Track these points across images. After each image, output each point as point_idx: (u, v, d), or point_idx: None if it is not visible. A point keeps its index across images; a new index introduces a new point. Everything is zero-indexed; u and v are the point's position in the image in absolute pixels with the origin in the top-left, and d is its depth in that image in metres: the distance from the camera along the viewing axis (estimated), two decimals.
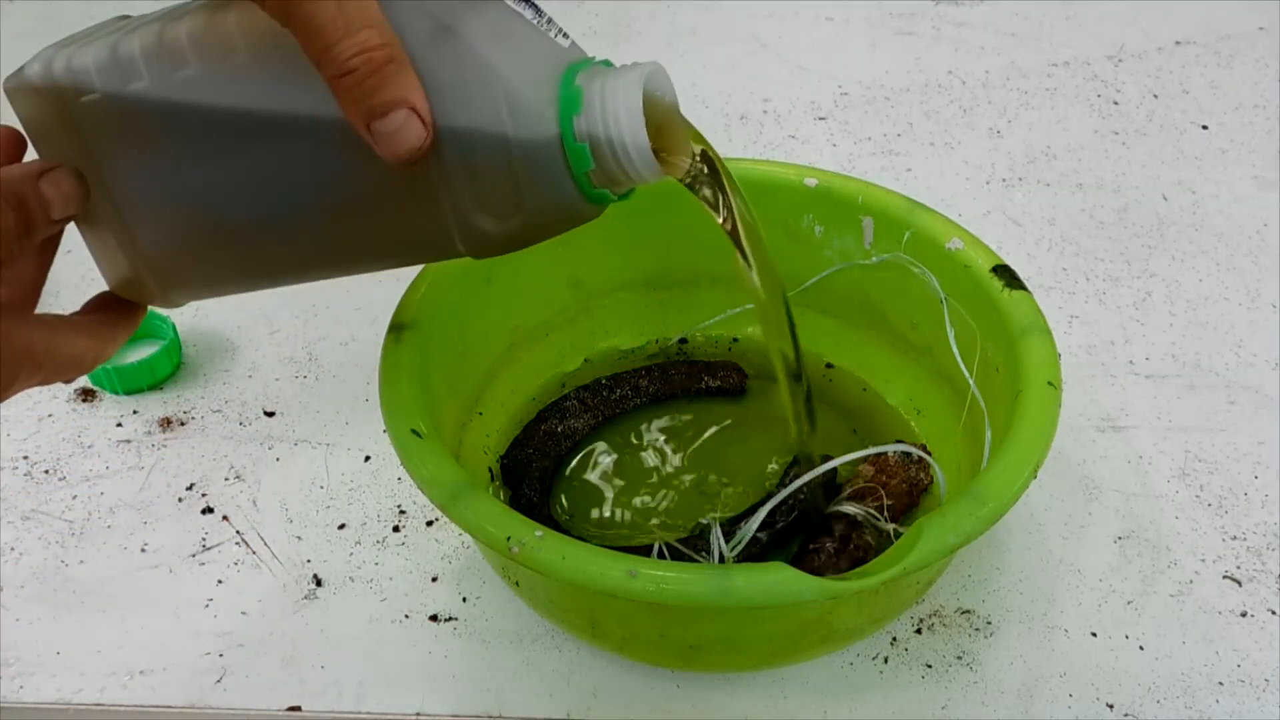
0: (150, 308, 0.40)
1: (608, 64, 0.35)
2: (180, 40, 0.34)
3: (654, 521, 0.48)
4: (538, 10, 0.35)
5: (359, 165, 0.34)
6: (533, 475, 0.50)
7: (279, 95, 0.33)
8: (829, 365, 0.55)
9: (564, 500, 0.50)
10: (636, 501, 0.49)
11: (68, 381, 0.35)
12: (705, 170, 0.37)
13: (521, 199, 0.34)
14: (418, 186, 0.34)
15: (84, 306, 0.39)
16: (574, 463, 0.51)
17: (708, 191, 0.37)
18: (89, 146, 0.35)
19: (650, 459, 0.51)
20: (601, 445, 0.52)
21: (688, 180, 0.37)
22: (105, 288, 0.40)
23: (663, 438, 0.52)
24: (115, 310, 0.39)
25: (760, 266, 0.39)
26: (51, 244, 0.38)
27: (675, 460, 0.51)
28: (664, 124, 0.35)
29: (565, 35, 0.35)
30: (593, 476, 0.50)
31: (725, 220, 0.38)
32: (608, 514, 0.49)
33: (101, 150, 0.36)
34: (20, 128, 0.37)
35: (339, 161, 0.34)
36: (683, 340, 0.56)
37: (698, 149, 0.37)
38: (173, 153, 0.35)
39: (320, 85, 0.32)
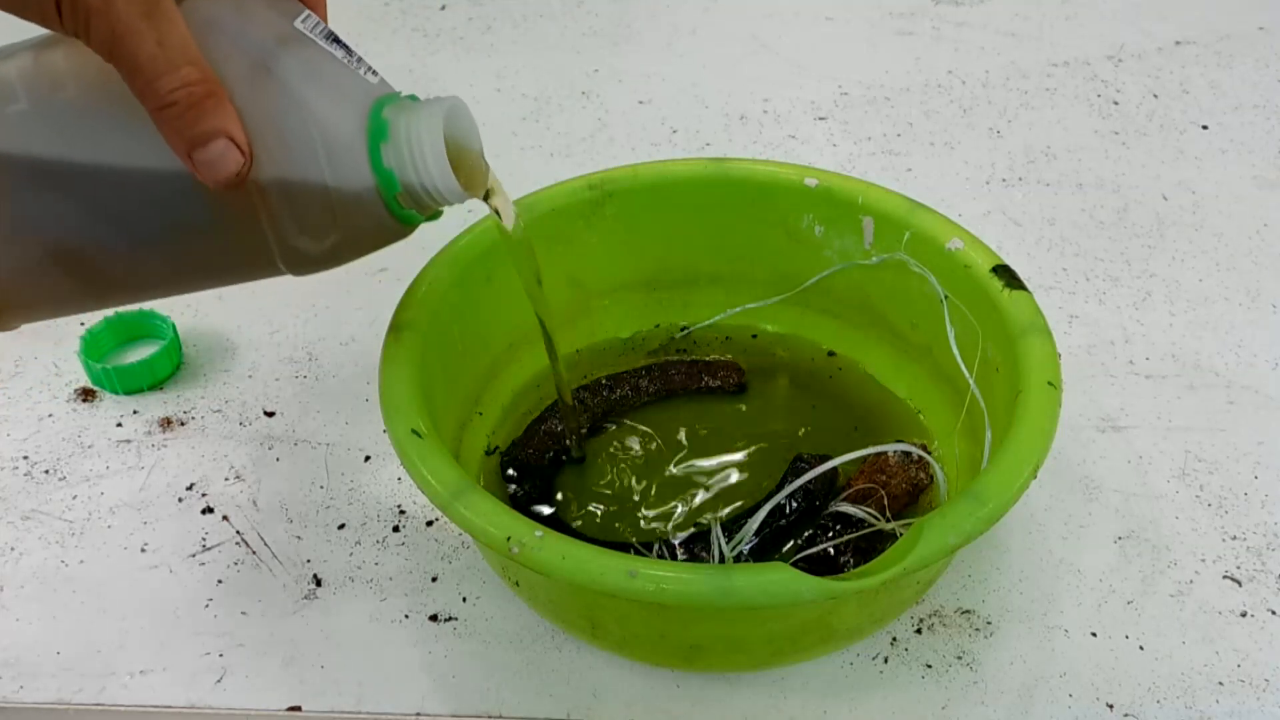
0: (153, 311, 0.41)
1: (414, 98, 0.38)
2: (10, 78, 0.36)
3: (654, 521, 0.48)
4: (348, 50, 0.38)
5: (185, 194, 0.36)
6: (533, 474, 0.50)
7: (108, 130, 0.36)
8: (831, 353, 0.55)
9: (563, 498, 0.50)
10: (636, 501, 0.49)
11: None
12: (492, 190, 0.42)
13: (336, 222, 0.37)
14: (240, 213, 0.36)
15: None
16: (573, 460, 0.51)
17: (496, 202, 0.42)
18: None
19: (650, 458, 0.51)
20: (601, 445, 0.52)
21: (484, 196, 0.41)
22: None
23: (663, 436, 0.52)
24: None
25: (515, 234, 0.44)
26: None
27: (675, 460, 0.51)
28: (462, 154, 0.38)
29: (374, 72, 0.38)
30: (592, 474, 0.50)
31: (508, 223, 0.43)
32: (607, 513, 0.49)
33: None
34: None
35: (167, 191, 0.36)
36: (685, 330, 0.56)
37: (490, 174, 0.41)
38: (8, 184, 0.37)
39: (147, 120, 0.34)
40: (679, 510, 0.49)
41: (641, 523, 0.48)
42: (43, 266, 0.38)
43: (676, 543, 0.46)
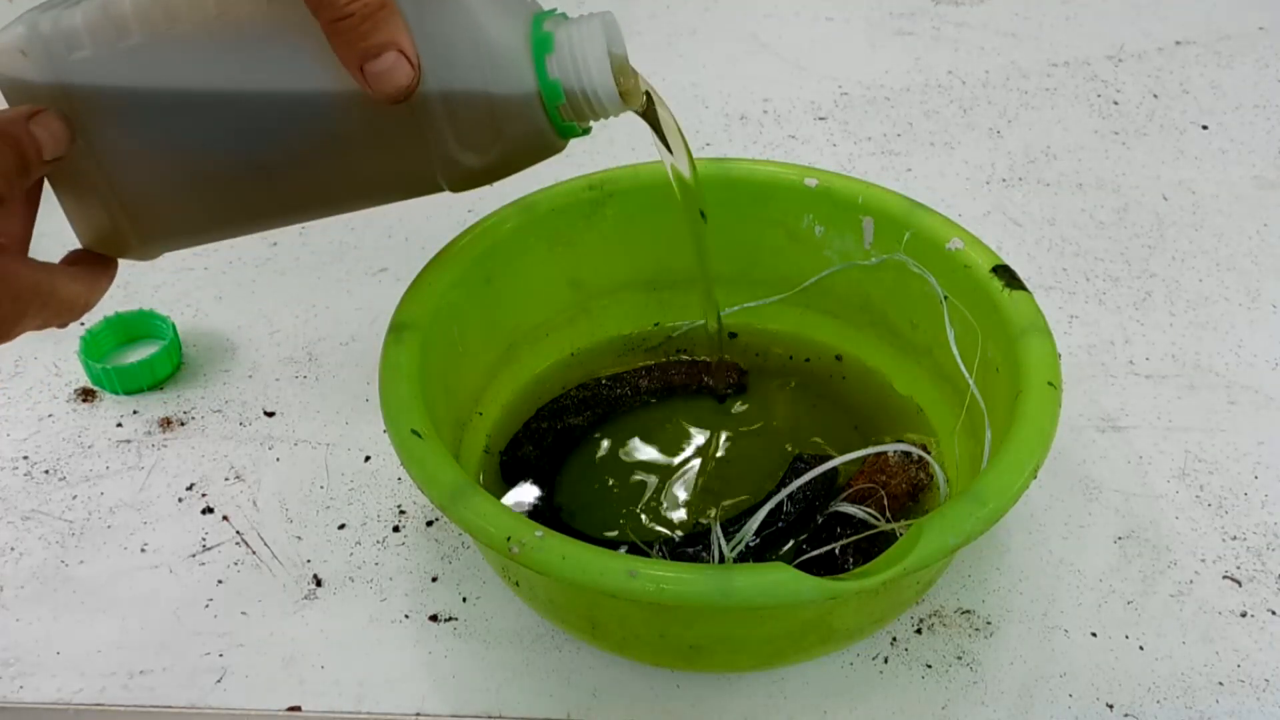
0: (153, 311, 0.41)
1: (565, 15, 0.40)
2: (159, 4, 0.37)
3: (654, 521, 0.48)
4: None
5: (345, 108, 0.37)
6: (532, 473, 0.50)
7: (271, 46, 0.36)
8: (838, 358, 0.55)
9: (563, 497, 0.50)
10: (636, 500, 0.49)
11: (61, 326, 0.39)
12: (649, 103, 0.42)
13: (500, 133, 0.38)
14: (402, 126, 0.37)
15: (63, 260, 0.41)
16: (573, 461, 0.51)
17: (661, 113, 0.43)
18: (73, 102, 0.37)
19: (650, 458, 0.51)
20: (601, 443, 0.52)
21: (641, 110, 0.42)
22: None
23: (663, 436, 0.52)
24: (94, 262, 0.41)
25: (681, 154, 0.45)
26: (36, 194, 0.39)
27: (675, 459, 0.51)
28: (617, 63, 0.39)
29: None
30: (592, 475, 0.50)
31: (669, 141, 0.44)
32: (607, 512, 0.49)
33: (86, 104, 0.37)
34: None
35: (325, 105, 0.37)
36: (683, 327, 0.56)
37: (645, 88, 0.42)
38: (161, 103, 0.37)
39: (311, 37, 0.35)
40: (679, 510, 0.49)
41: (642, 522, 0.48)
42: (191, 184, 0.39)
43: (676, 542, 0.46)
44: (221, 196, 0.40)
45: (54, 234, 0.41)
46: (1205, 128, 0.76)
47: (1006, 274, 0.46)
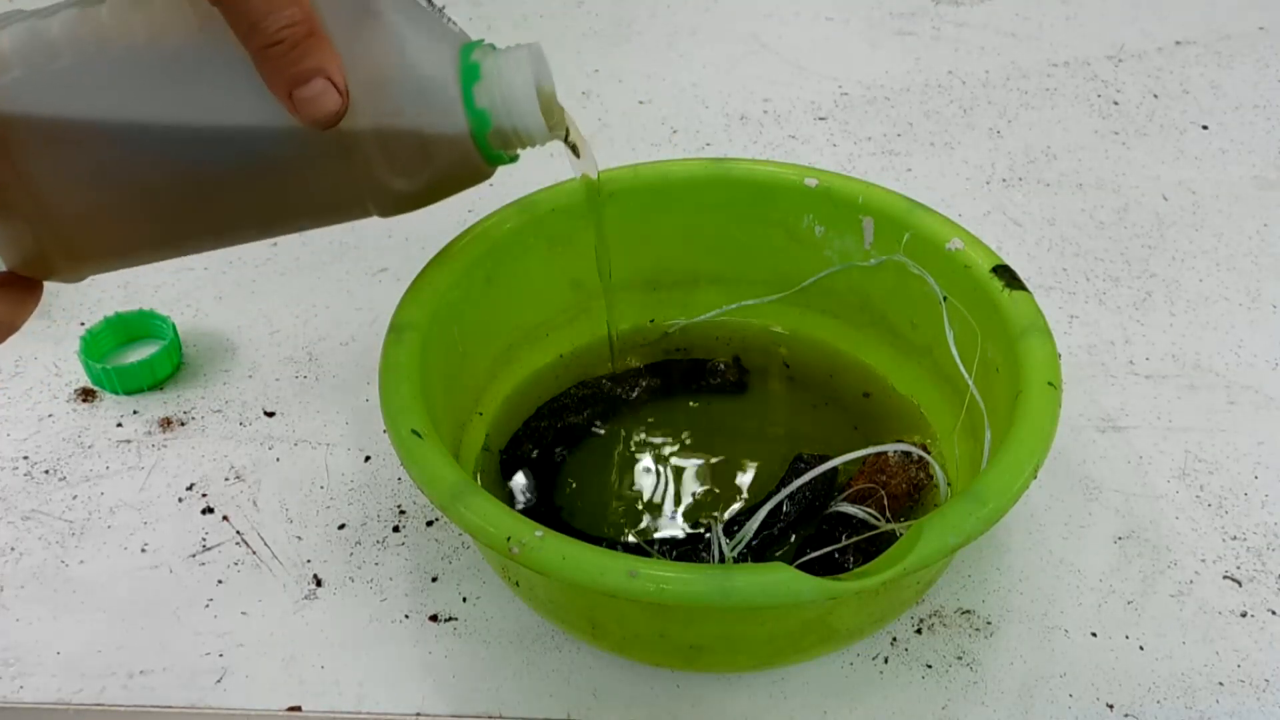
0: (153, 311, 0.40)
1: (493, 46, 0.40)
2: (103, 22, 0.37)
3: (654, 520, 0.48)
4: (430, 1, 0.40)
5: (274, 135, 0.37)
6: (532, 471, 0.50)
7: (201, 72, 0.37)
8: (866, 395, 0.54)
9: (563, 497, 0.50)
10: (636, 499, 0.49)
11: None
12: (567, 133, 0.43)
13: (428, 160, 0.39)
14: (331, 153, 0.38)
15: None
16: (574, 459, 0.51)
17: (574, 139, 0.44)
18: (1, 121, 0.37)
19: (650, 457, 0.51)
20: (601, 442, 0.52)
21: (564, 138, 0.43)
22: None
23: (663, 435, 0.52)
24: (18, 284, 0.40)
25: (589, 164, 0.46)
26: None
27: (675, 458, 0.51)
28: (543, 97, 0.40)
29: (453, 22, 0.40)
30: (592, 474, 0.50)
31: (583, 158, 0.45)
32: (607, 511, 0.49)
33: (13, 126, 0.37)
34: None
35: (255, 132, 0.37)
36: (679, 324, 0.56)
37: (567, 115, 0.43)
38: (90, 128, 0.37)
39: (241, 63, 0.35)
40: (679, 510, 0.49)
41: (642, 522, 0.48)
42: (123, 209, 0.39)
43: (676, 542, 0.46)
44: (151, 220, 0.39)
45: None
46: (1205, 128, 0.76)
47: (1006, 274, 0.46)
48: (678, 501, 0.49)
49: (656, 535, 0.48)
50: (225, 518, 0.51)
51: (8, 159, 0.37)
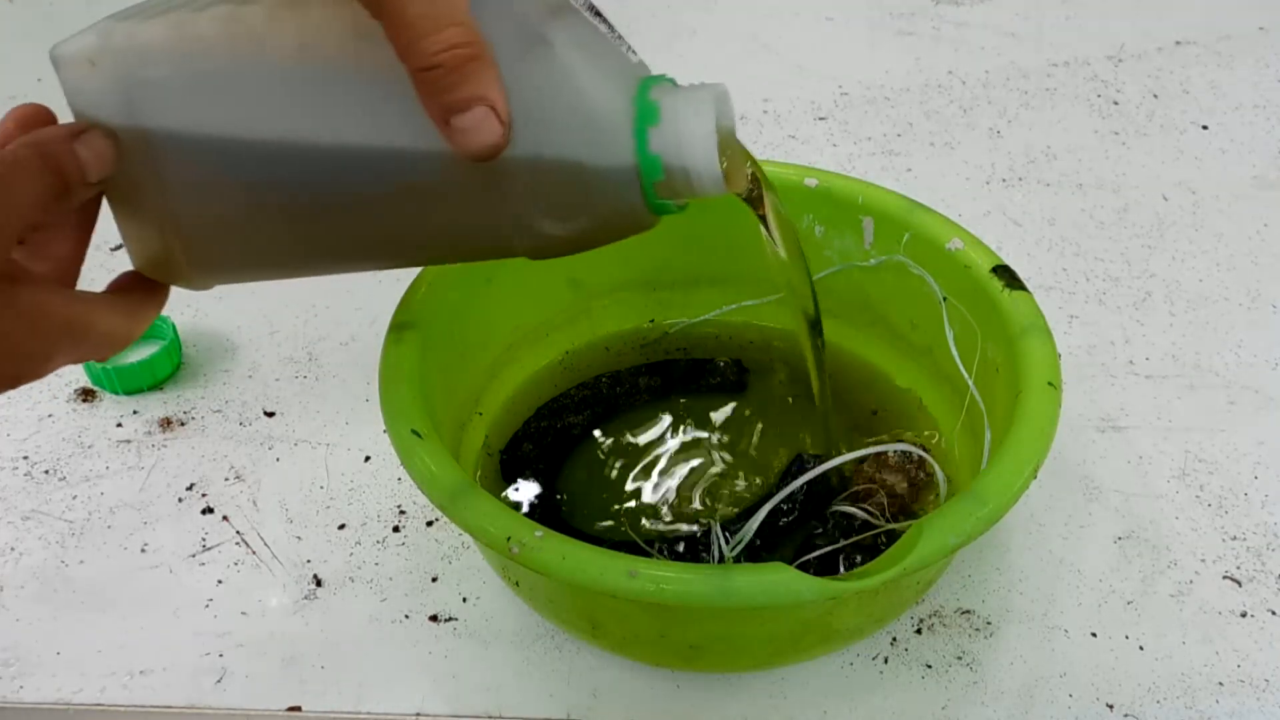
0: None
1: (673, 81, 0.36)
2: (256, 26, 0.34)
3: (654, 520, 0.48)
4: (610, 26, 0.36)
5: (425, 161, 0.34)
6: (532, 470, 0.50)
7: (353, 85, 0.34)
8: (874, 412, 0.54)
9: (563, 497, 0.50)
10: (635, 499, 0.49)
11: (100, 360, 0.36)
12: (755, 190, 0.39)
13: (588, 204, 0.35)
14: (484, 186, 0.34)
15: (110, 285, 0.38)
16: (573, 459, 0.51)
17: (767, 208, 0.40)
18: (140, 120, 0.35)
19: (650, 456, 0.51)
20: (601, 441, 0.52)
21: (745, 196, 0.39)
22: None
23: (663, 434, 0.52)
24: (142, 290, 0.38)
25: (789, 249, 0.42)
26: (88, 216, 0.37)
27: (675, 457, 0.51)
28: (726, 145, 0.36)
29: (634, 51, 0.36)
30: (592, 473, 0.50)
31: (773, 232, 0.41)
32: (607, 511, 0.49)
33: (154, 124, 0.35)
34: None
35: (405, 156, 0.34)
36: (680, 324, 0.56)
37: (750, 168, 0.39)
38: (235, 133, 0.35)
39: (398, 82, 0.32)
40: (679, 510, 0.49)
41: (642, 522, 0.48)
42: (257, 222, 0.37)
43: (676, 541, 0.46)
44: (286, 238, 0.37)
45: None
46: (1205, 128, 0.75)
47: (1006, 274, 0.46)
48: (678, 501, 0.49)
49: (656, 535, 0.48)
50: (225, 518, 0.51)
51: (146, 159, 0.35)
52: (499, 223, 0.35)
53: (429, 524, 0.50)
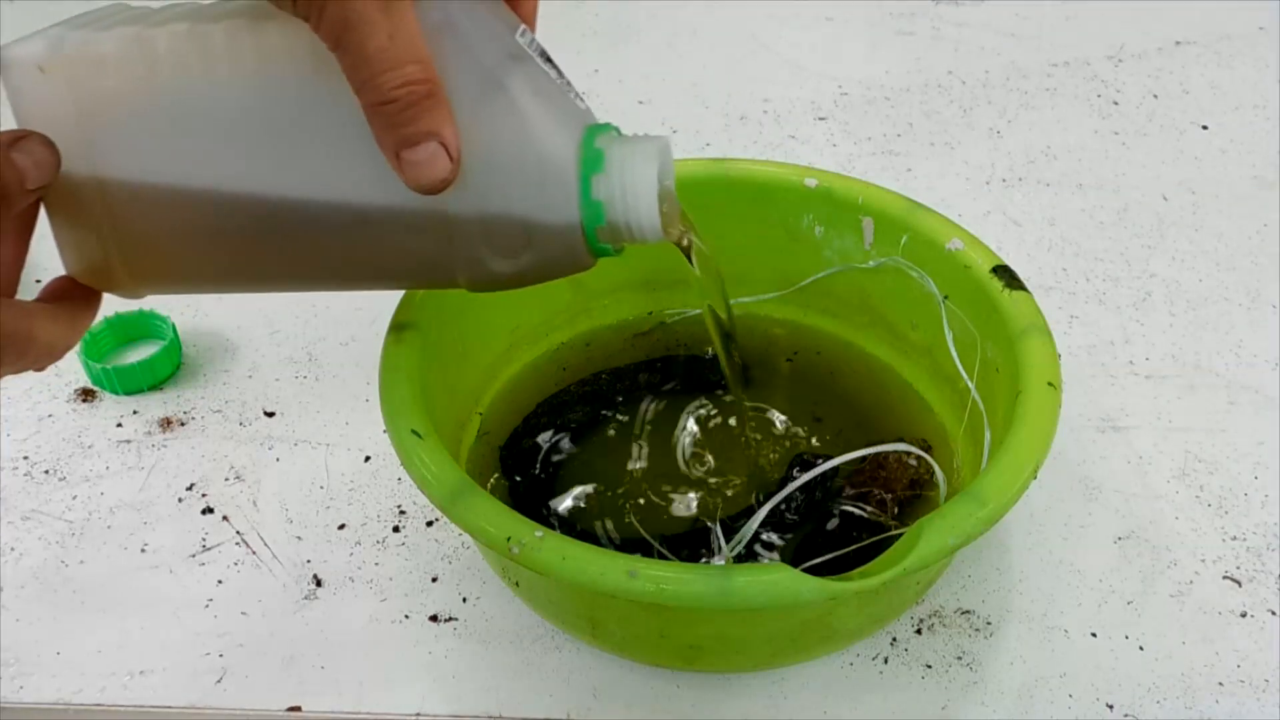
0: (153, 311, 0.39)
1: (618, 130, 0.38)
2: (213, 48, 0.35)
3: (653, 520, 0.48)
4: (560, 72, 0.37)
5: (373, 192, 0.35)
6: (531, 468, 0.50)
7: (306, 111, 0.35)
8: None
9: (562, 494, 0.50)
10: (635, 498, 0.49)
11: (39, 370, 0.36)
12: (687, 242, 0.41)
13: (529, 246, 0.36)
14: (430, 220, 0.35)
15: (43, 292, 0.38)
16: (573, 459, 0.51)
17: (693, 251, 0.42)
18: (88, 131, 0.35)
19: (650, 454, 0.51)
20: (601, 441, 0.52)
21: (678, 243, 0.41)
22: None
23: (662, 433, 0.52)
24: (78, 296, 0.38)
25: (708, 278, 0.44)
26: (27, 225, 0.36)
27: (675, 455, 0.51)
28: (664, 194, 0.37)
29: (581, 98, 0.37)
30: (591, 472, 0.50)
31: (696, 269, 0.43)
32: (606, 509, 0.49)
33: (102, 134, 0.35)
34: None
35: (353, 187, 0.35)
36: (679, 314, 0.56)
37: (683, 224, 0.41)
38: (184, 152, 0.35)
39: (350, 113, 0.33)
40: (679, 509, 0.49)
41: (641, 521, 0.48)
42: (200, 237, 0.37)
43: (676, 541, 0.46)
44: (227, 257, 0.38)
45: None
46: (1205, 128, 0.76)
47: (1006, 274, 0.46)
48: (678, 501, 0.49)
49: (656, 535, 0.48)
50: (225, 518, 0.51)
51: (91, 170, 0.36)
52: (443, 257, 0.36)
53: (429, 524, 0.50)
